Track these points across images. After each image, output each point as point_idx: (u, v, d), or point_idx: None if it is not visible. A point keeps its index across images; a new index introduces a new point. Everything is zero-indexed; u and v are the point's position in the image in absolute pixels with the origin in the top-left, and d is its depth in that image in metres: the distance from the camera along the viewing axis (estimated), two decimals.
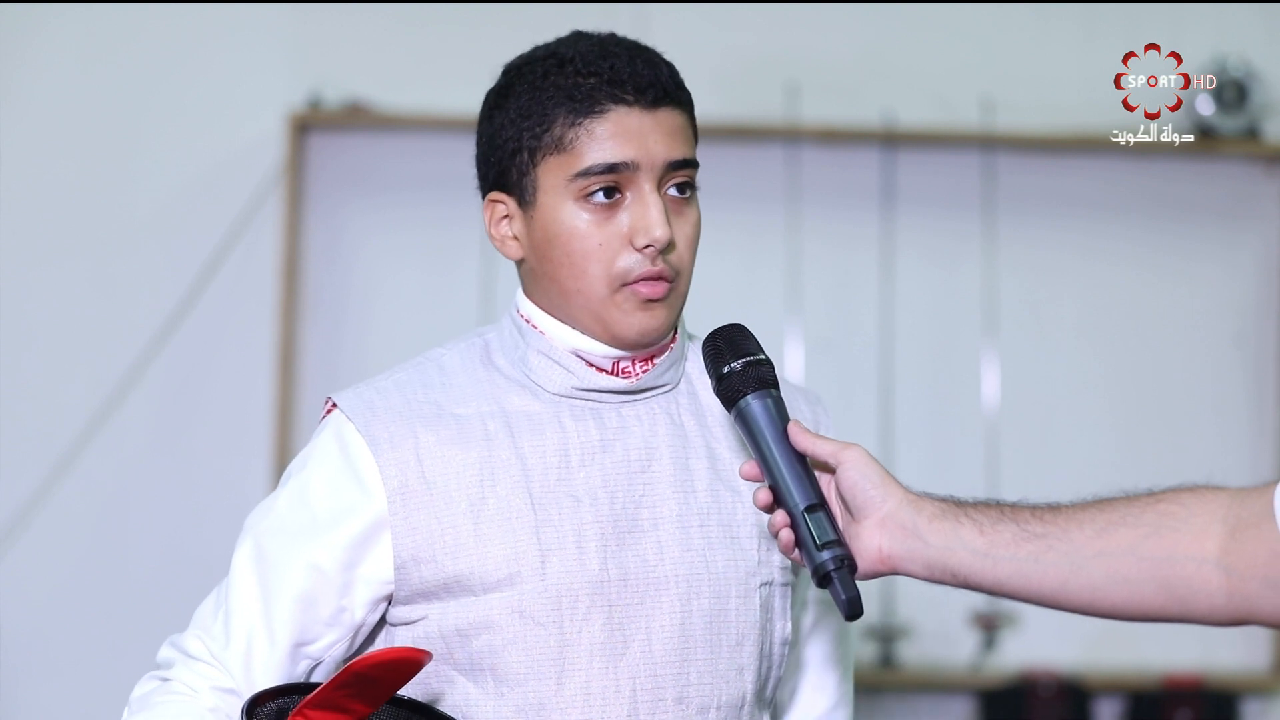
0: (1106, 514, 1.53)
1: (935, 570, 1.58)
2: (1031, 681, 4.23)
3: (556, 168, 1.75)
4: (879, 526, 1.59)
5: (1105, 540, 1.52)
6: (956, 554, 1.56)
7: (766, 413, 1.65)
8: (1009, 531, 1.55)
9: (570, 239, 1.74)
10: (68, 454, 4.20)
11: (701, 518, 1.78)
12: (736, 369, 1.67)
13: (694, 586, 1.76)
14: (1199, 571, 1.49)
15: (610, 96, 1.74)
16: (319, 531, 1.74)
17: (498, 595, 1.72)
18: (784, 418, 1.66)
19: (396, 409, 1.77)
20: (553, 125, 1.74)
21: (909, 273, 4.35)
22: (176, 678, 1.75)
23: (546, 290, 1.79)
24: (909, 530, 1.58)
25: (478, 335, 1.86)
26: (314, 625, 1.75)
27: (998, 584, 1.56)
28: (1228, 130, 4.27)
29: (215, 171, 4.28)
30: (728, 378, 1.67)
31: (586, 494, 1.75)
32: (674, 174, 1.76)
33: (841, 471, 1.61)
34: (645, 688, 1.74)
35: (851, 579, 1.59)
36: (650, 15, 4.17)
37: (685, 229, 1.77)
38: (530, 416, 1.77)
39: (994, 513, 1.57)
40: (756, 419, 1.65)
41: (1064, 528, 1.54)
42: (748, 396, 1.66)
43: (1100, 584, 1.52)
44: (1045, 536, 1.54)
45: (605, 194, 1.74)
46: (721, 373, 1.68)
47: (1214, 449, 4.42)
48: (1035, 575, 1.54)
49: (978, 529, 1.56)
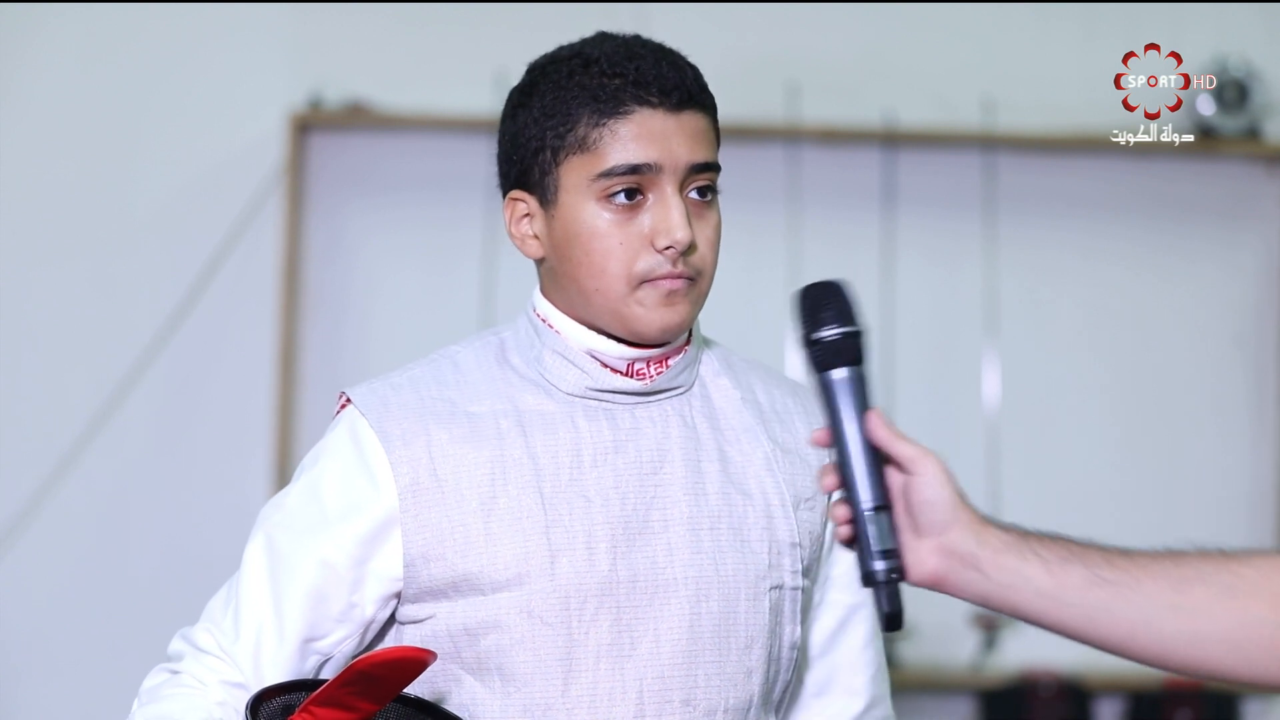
0: (1181, 569, 1.52)
1: (992, 603, 1.55)
2: (1032, 682, 4.23)
3: (579, 167, 1.75)
4: (939, 551, 1.55)
5: (1180, 596, 1.51)
6: (1020, 593, 1.53)
7: (852, 394, 1.57)
8: (1078, 574, 1.52)
9: (591, 238, 1.75)
10: (69, 454, 4.20)
11: (712, 520, 1.78)
12: (835, 337, 1.57)
13: (703, 589, 1.75)
14: (1274, 637, 1.49)
15: (635, 98, 1.74)
16: (330, 526, 1.75)
17: (506, 595, 1.72)
18: (867, 403, 1.59)
19: (410, 405, 1.77)
20: (576, 125, 1.74)
21: (909, 273, 4.35)
22: (186, 670, 1.75)
23: (566, 289, 1.79)
24: (969, 563, 1.54)
25: (494, 333, 1.86)
26: (324, 621, 1.75)
27: (1060, 625, 1.53)
28: (1228, 130, 4.28)
29: (216, 171, 4.28)
30: (822, 344, 1.58)
31: (598, 494, 1.75)
32: (696, 177, 1.76)
33: (916, 483, 1.57)
34: (652, 689, 1.73)
35: (899, 593, 1.55)
36: (650, 15, 4.17)
37: (706, 231, 1.77)
38: (544, 416, 1.78)
39: (1061, 550, 1.54)
40: (842, 397, 1.57)
41: (1137, 578, 1.52)
42: (841, 369, 1.57)
43: (1170, 639, 1.51)
44: (1117, 584, 1.51)
45: (627, 195, 1.74)
46: (819, 336, 1.58)
47: (1214, 449, 4.42)
48: (1104, 624, 1.52)
49: (1045, 568, 1.53)
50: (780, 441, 1.84)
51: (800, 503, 1.83)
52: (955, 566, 1.55)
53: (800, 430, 1.86)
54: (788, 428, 1.86)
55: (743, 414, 1.84)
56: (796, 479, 1.83)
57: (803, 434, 1.86)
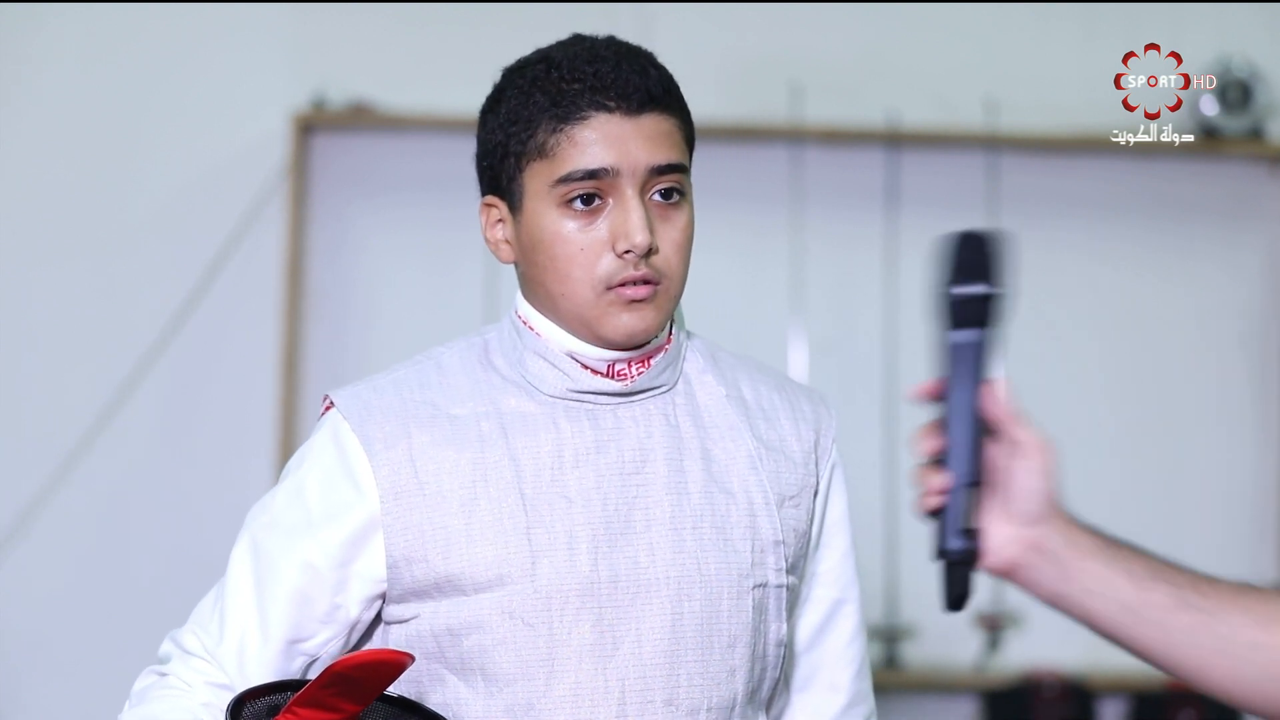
0: (1266, 605, 1.49)
1: (1064, 604, 1.51)
2: (1036, 682, 4.23)
3: (540, 173, 1.76)
4: (1023, 542, 1.50)
5: (1265, 634, 1.48)
6: (1102, 601, 1.50)
7: (975, 359, 1.50)
8: (1164, 594, 1.49)
9: (553, 244, 1.76)
10: (71, 454, 4.20)
11: (695, 520, 1.78)
12: (974, 295, 1.49)
13: (685, 588, 1.76)
14: None
15: (592, 103, 1.75)
16: (313, 529, 1.76)
17: (488, 595, 1.73)
18: (987, 372, 1.52)
19: (392, 409, 1.78)
20: (536, 131, 1.76)
21: (913, 273, 4.35)
22: (173, 673, 1.77)
23: (536, 293, 1.81)
24: (1051, 560, 1.50)
25: (479, 335, 1.88)
26: (308, 622, 1.76)
27: (1135, 642, 1.50)
28: (1231, 130, 4.27)
29: (218, 172, 4.28)
30: (959, 300, 1.49)
31: (579, 495, 1.75)
32: (658, 179, 1.76)
33: (1022, 468, 1.52)
34: (634, 689, 1.74)
35: (968, 575, 1.48)
36: (653, 16, 4.17)
37: (672, 234, 1.77)
38: (525, 417, 1.78)
39: (1149, 566, 1.50)
40: (963, 361, 1.49)
41: (1222, 607, 1.49)
42: (969, 330, 1.49)
43: (1247, 675, 1.49)
44: (1201, 611, 1.49)
45: (584, 200, 1.75)
46: (958, 291, 1.49)
47: (1218, 450, 4.42)
48: (1182, 649, 1.49)
49: (1131, 581, 1.49)
50: (764, 439, 1.84)
51: (784, 500, 1.83)
52: (1036, 561, 1.50)
53: (786, 427, 1.86)
54: (773, 425, 1.86)
55: (727, 412, 1.84)
56: (781, 476, 1.83)
57: (788, 431, 1.86)
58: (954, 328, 1.49)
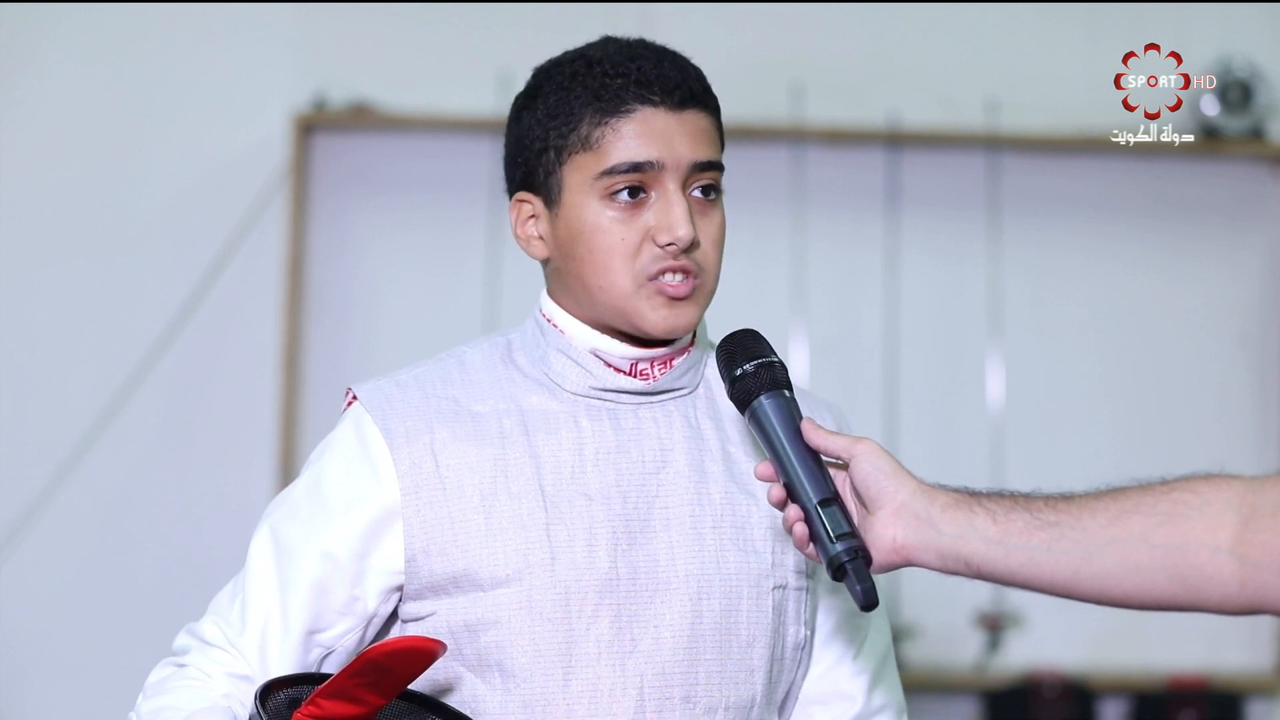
0: (1120, 502, 1.52)
1: (948, 560, 1.57)
2: (1036, 682, 4.23)
3: (582, 166, 1.77)
4: (893, 516, 1.58)
5: (1118, 528, 1.51)
6: (970, 543, 1.55)
7: (779, 411, 1.66)
8: (1021, 520, 1.54)
9: (594, 235, 1.76)
10: (73, 454, 4.21)
11: (715, 519, 1.79)
12: (750, 370, 1.68)
13: (704, 587, 1.76)
14: (1212, 560, 1.47)
15: (637, 97, 1.76)
16: (332, 519, 1.77)
17: (505, 591, 1.73)
18: (797, 415, 1.66)
19: (414, 404, 1.79)
20: (579, 124, 1.76)
21: (914, 273, 4.35)
22: (192, 663, 1.77)
23: (571, 288, 1.80)
24: (922, 519, 1.57)
25: (502, 335, 1.89)
26: (327, 613, 1.77)
27: (1010, 573, 1.55)
28: (1233, 131, 4.27)
29: (220, 172, 4.28)
30: (741, 379, 1.68)
31: (599, 493, 1.76)
32: (699, 175, 1.78)
33: (855, 465, 1.61)
34: (652, 686, 1.74)
35: (866, 570, 1.59)
36: (655, 16, 4.17)
37: (710, 230, 1.79)
38: (546, 415, 1.79)
39: (1007, 502, 1.56)
40: (769, 417, 1.66)
41: (1076, 515, 1.53)
42: (760, 397, 1.67)
43: (1112, 572, 1.51)
44: (1058, 525, 1.53)
45: (630, 193, 1.76)
46: (735, 375, 1.68)
47: (1219, 450, 4.41)
48: (1048, 564, 1.53)
49: (991, 518, 1.55)
50: None
51: None
52: (911, 525, 1.57)
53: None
54: None
55: None
56: None
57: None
58: (754, 398, 1.67)
